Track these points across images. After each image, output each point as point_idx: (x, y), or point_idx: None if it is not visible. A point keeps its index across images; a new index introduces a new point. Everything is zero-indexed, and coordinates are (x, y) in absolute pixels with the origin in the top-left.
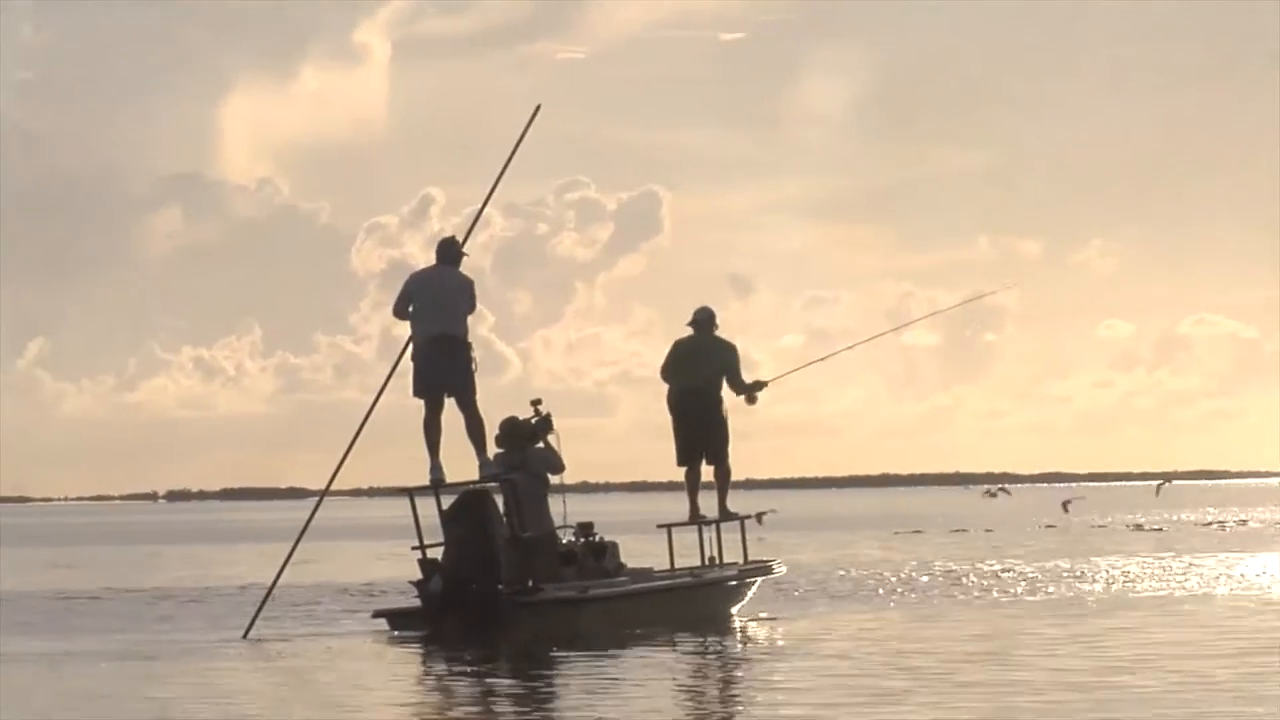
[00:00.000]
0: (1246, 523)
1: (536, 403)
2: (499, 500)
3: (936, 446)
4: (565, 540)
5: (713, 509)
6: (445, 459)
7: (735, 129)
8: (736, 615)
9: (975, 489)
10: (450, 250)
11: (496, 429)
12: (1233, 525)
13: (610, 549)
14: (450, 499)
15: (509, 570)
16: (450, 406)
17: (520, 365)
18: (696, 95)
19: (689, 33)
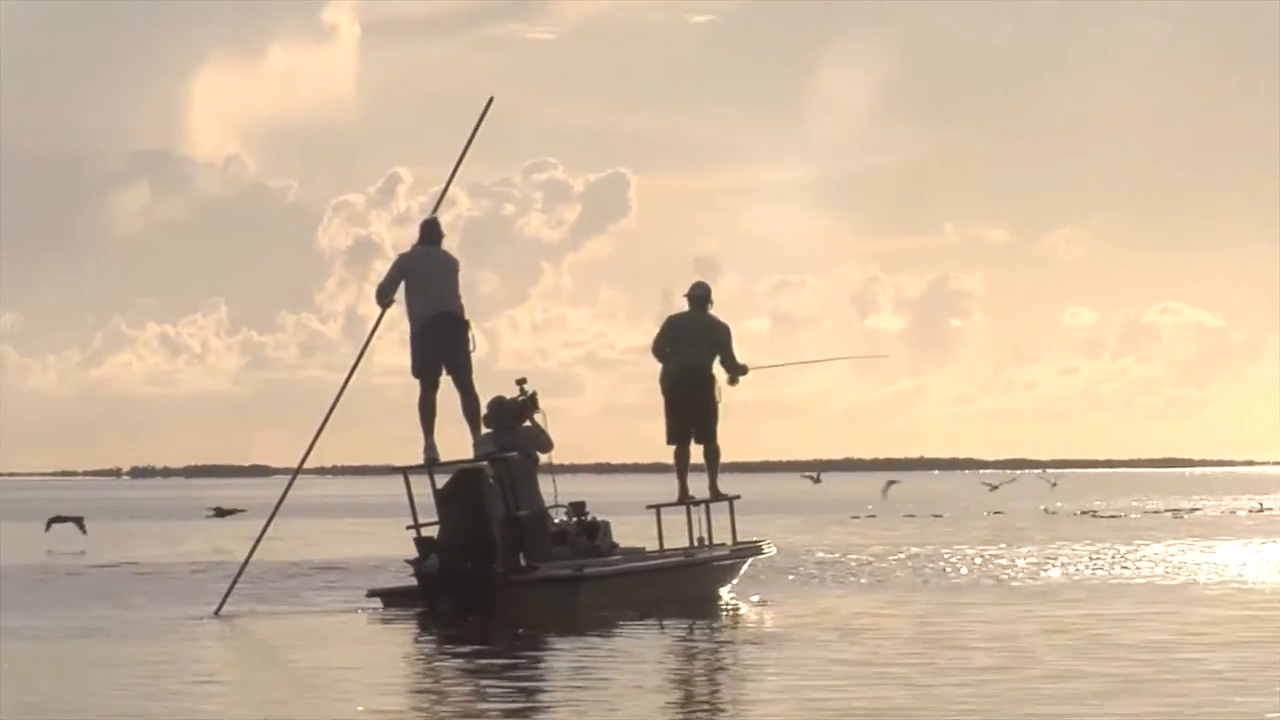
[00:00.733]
0: (1196, 511)
1: (522, 382)
2: (492, 479)
3: (901, 431)
4: (558, 519)
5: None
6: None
7: (703, 112)
8: (727, 595)
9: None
10: (435, 230)
11: (484, 409)
12: (1185, 513)
13: (603, 528)
14: (444, 478)
15: (504, 549)
16: (444, 386)
17: (486, 345)
18: (665, 77)
19: (657, 15)
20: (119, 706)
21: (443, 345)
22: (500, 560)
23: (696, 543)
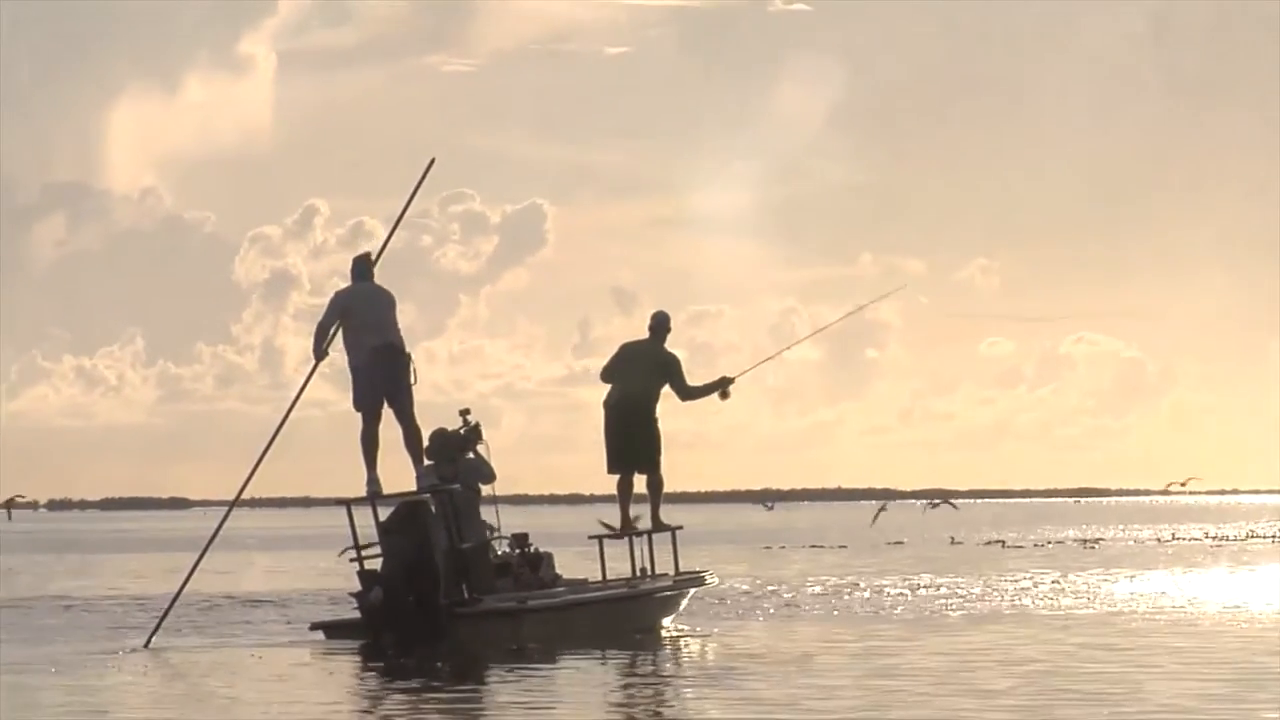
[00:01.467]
0: (1101, 540)
1: (465, 413)
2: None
3: (819, 462)
4: (500, 551)
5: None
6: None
7: (620, 144)
8: (669, 626)
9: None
10: (368, 266)
11: (426, 440)
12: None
13: (546, 560)
14: (387, 511)
15: (447, 581)
16: (386, 419)
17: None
18: (582, 109)
19: (575, 47)
20: None
21: (385, 378)
22: (444, 592)
23: (639, 573)
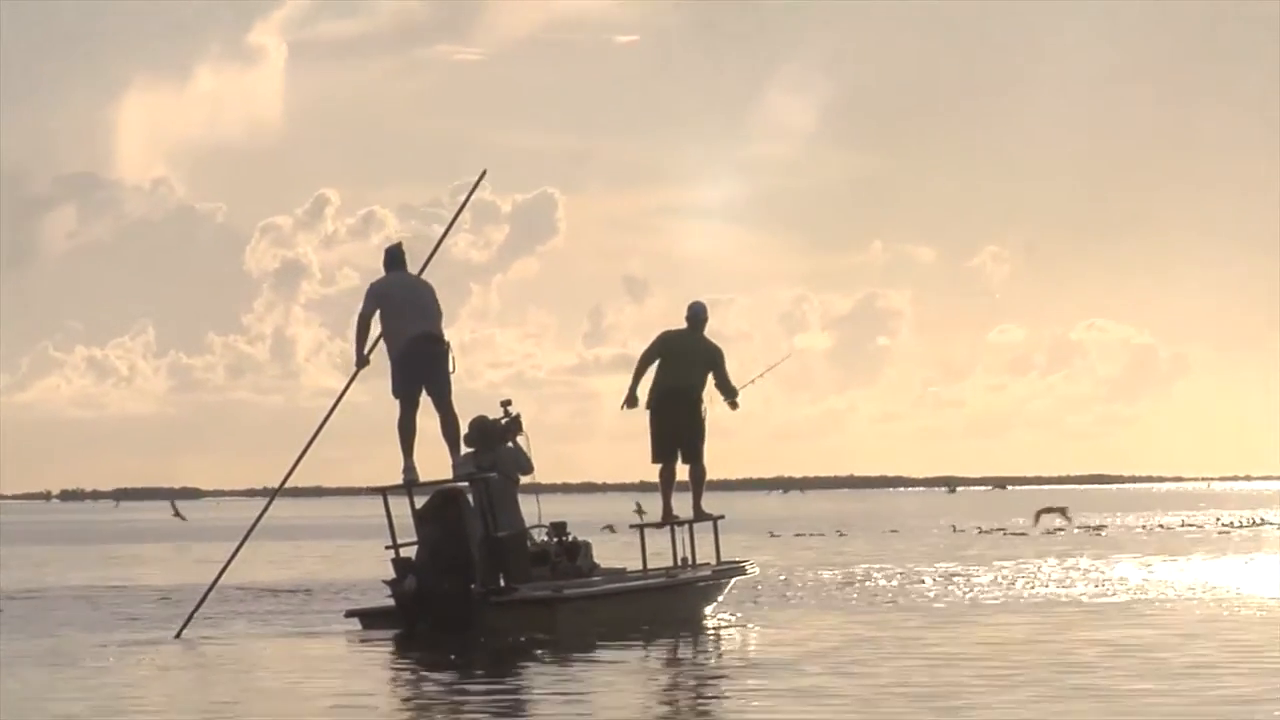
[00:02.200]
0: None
1: (506, 404)
2: (471, 499)
3: (831, 449)
4: (538, 540)
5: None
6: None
7: (630, 132)
8: (710, 616)
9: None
10: (401, 255)
11: (466, 428)
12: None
13: (584, 548)
14: (423, 499)
15: (482, 570)
16: (424, 407)
17: None
18: (592, 98)
19: (583, 36)
20: None
21: (424, 366)
22: (479, 581)
23: (680, 563)
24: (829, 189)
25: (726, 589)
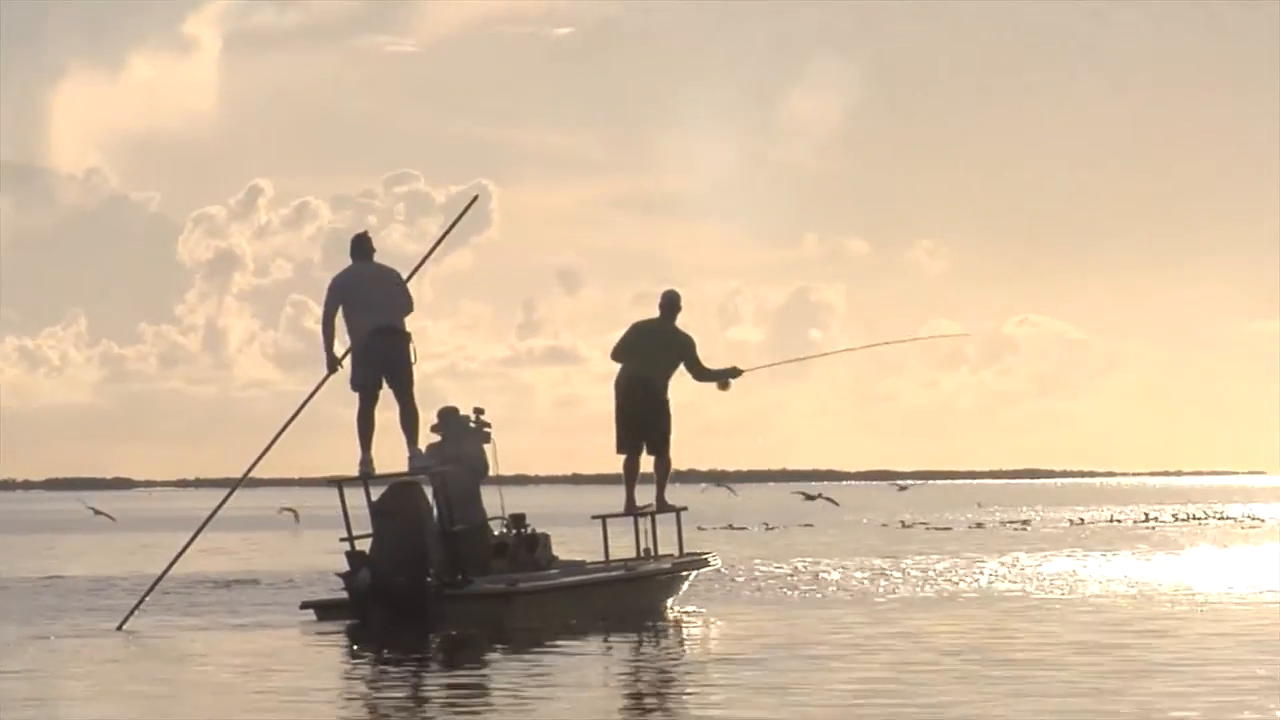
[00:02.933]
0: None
1: (479, 412)
2: (429, 492)
3: (765, 444)
4: (498, 532)
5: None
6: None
7: (565, 124)
8: (670, 608)
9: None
10: (366, 245)
11: (435, 418)
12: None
13: (542, 541)
14: (379, 491)
15: (439, 563)
16: (384, 399)
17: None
18: (527, 90)
19: (520, 28)
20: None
21: (384, 359)
22: (434, 574)
23: (643, 554)
24: (763, 183)
25: (688, 581)
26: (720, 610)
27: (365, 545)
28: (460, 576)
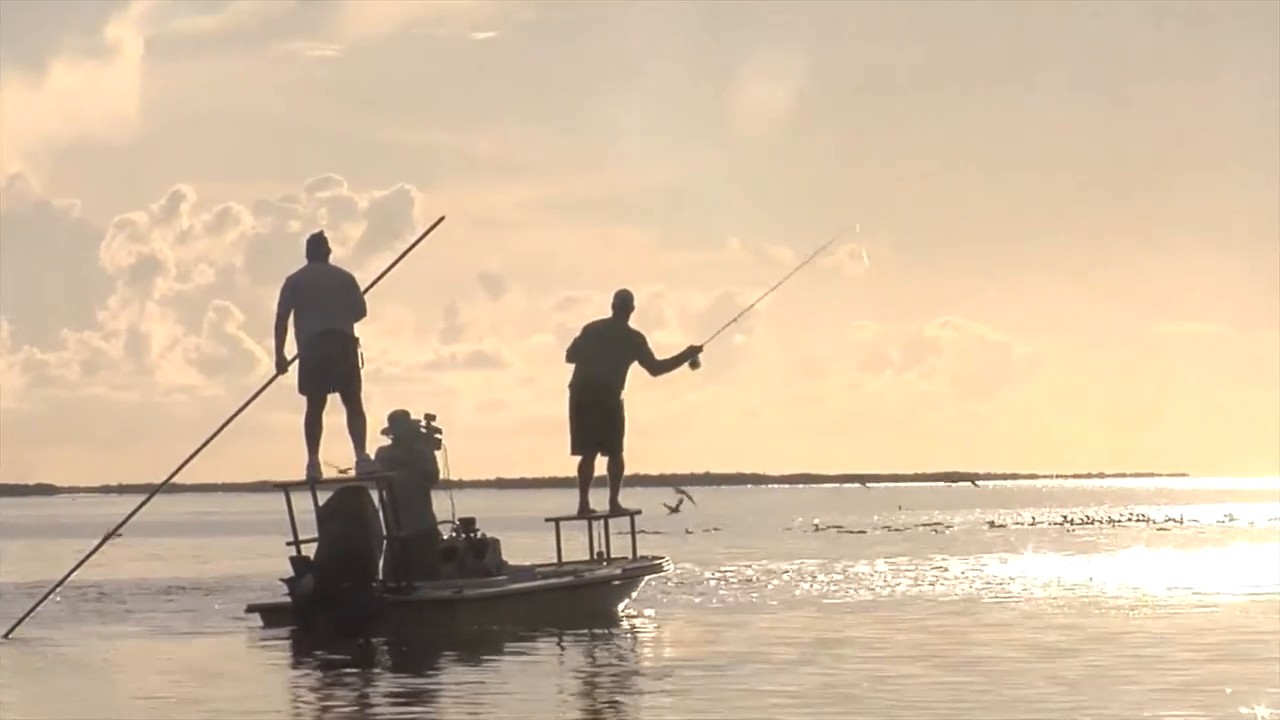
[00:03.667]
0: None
1: (431, 418)
2: (375, 497)
3: (687, 447)
4: (447, 536)
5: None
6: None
7: (488, 128)
8: (622, 613)
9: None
10: (321, 246)
11: (386, 421)
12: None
13: (492, 546)
14: (326, 495)
15: (385, 568)
16: (331, 404)
17: (269, 362)
18: (449, 94)
19: (441, 31)
20: None
21: (331, 363)
22: (381, 580)
23: (596, 557)
24: (687, 186)
25: (639, 586)
26: (671, 614)
27: (311, 550)
28: (406, 582)
